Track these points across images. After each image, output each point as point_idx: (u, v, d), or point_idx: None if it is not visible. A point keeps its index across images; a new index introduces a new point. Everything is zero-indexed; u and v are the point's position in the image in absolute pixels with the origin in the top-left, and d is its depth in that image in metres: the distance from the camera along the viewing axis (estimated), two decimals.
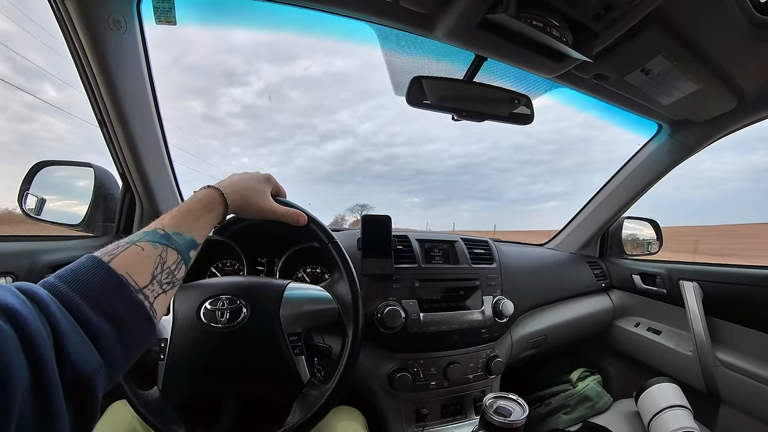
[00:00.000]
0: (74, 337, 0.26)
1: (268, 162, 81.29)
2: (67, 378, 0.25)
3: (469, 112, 0.68)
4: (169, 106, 13.13)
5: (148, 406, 0.48)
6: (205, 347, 0.50)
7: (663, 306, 1.10)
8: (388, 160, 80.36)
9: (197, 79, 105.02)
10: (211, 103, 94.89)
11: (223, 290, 0.52)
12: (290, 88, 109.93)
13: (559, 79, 0.75)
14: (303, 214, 0.55)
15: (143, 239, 0.37)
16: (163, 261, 0.37)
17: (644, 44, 0.63)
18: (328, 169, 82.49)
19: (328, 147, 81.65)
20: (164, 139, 0.82)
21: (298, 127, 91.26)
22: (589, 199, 1.23)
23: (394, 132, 74.17)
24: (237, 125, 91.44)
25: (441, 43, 0.66)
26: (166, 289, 0.37)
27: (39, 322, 0.24)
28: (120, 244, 0.36)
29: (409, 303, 0.78)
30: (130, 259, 0.34)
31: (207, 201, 0.46)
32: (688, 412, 0.84)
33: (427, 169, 72.89)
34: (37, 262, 0.68)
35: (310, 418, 0.51)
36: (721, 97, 0.77)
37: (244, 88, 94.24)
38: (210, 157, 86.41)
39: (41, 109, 26.06)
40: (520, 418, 0.62)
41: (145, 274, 0.35)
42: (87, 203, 0.81)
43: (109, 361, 0.29)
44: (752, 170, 28.79)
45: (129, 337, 0.31)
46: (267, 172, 0.56)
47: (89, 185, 0.81)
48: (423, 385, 0.79)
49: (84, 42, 0.61)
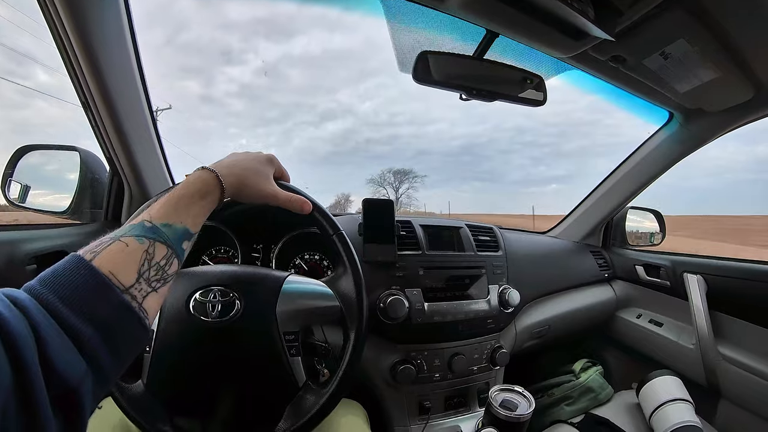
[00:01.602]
0: (57, 342, 0.25)
1: (267, 143, 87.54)
2: (52, 383, 0.24)
3: (480, 91, 0.64)
4: (165, 86, 12.90)
5: (132, 401, 0.45)
6: (193, 342, 0.46)
7: (666, 298, 1.09)
8: (389, 140, 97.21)
9: (193, 58, 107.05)
10: (208, 83, 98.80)
11: (216, 280, 0.48)
12: (289, 66, 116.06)
13: (574, 60, 0.71)
14: (308, 201, 0.51)
15: (128, 234, 0.34)
16: (151, 257, 0.34)
17: (667, 26, 0.60)
18: (327, 150, 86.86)
19: (328, 127, 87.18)
20: (153, 119, 0.77)
21: (297, 106, 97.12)
22: (594, 188, 1.21)
23: (396, 112, 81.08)
24: (235, 105, 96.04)
25: (450, 17, 0.61)
26: (156, 287, 0.34)
27: (23, 325, 0.24)
28: (104, 240, 0.33)
29: (413, 292, 0.75)
30: (114, 256, 0.32)
31: (200, 185, 0.42)
32: (690, 406, 0.83)
33: (429, 149, 77.87)
34: (18, 251, 0.64)
35: (303, 426, 0.47)
36: (738, 87, 0.74)
37: (242, 66, 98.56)
38: (207, 139, 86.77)
39: (33, 95, 25.24)
40: (526, 412, 0.61)
41: (130, 273, 0.32)
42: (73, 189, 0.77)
43: (96, 366, 0.27)
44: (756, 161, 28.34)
45: (117, 341, 0.29)
46: (270, 153, 0.51)
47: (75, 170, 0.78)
48: (426, 378, 0.77)
49: (61, 11, 0.56)
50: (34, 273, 0.66)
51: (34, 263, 0.65)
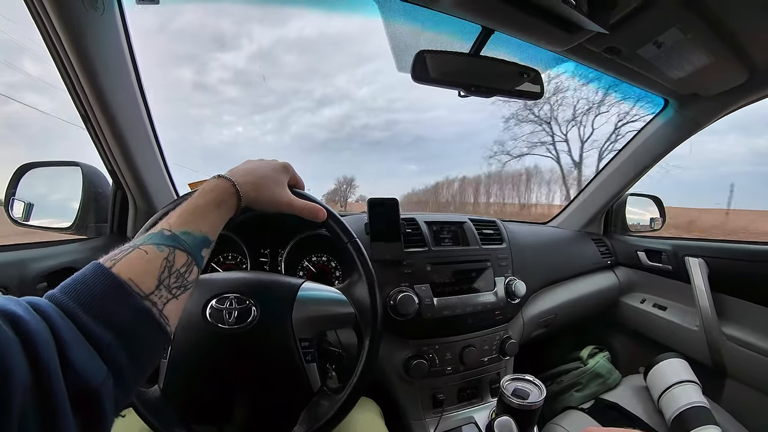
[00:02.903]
0: (78, 346, 0.26)
1: (263, 130, 75.34)
2: (72, 386, 0.24)
3: (478, 87, 0.65)
4: (157, 75, 12.40)
5: (148, 405, 0.45)
6: (209, 349, 0.47)
7: (668, 282, 1.10)
8: (387, 126, 58.67)
9: (186, 45, 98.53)
10: (201, 70, 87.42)
11: (231, 288, 0.48)
12: (284, 51, 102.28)
13: (569, 53, 0.72)
14: (322, 209, 0.51)
15: (148, 242, 0.35)
16: (171, 264, 0.34)
17: (660, 15, 0.60)
18: (324, 136, 73.41)
19: (325, 113, 73.06)
20: (153, 130, 0.77)
21: (294, 92, 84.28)
22: (592, 176, 1.22)
23: (394, 97, 66.16)
24: (230, 92, 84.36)
25: (445, 16, 0.62)
26: (176, 294, 0.34)
27: (42, 327, 0.24)
28: (123, 248, 0.34)
29: (421, 288, 0.76)
30: (134, 264, 0.32)
31: (217, 193, 0.42)
32: (697, 387, 0.84)
33: (427, 136, 64.66)
34: (28, 271, 0.64)
35: (318, 431, 0.48)
36: (732, 71, 0.75)
37: (236, 51, 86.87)
38: (202, 129, 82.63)
39: (23, 88, 24.04)
40: (538, 400, 0.62)
41: (150, 280, 0.32)
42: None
43: (117, 371, 0.28)
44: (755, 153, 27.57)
45: (137, 347, 0.30)
46: (285, 161, 0.52)
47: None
48: (439, 371, 0.78)
49: (58, 27, 0.56)
50: (45, 291, 0.67)
51: (45, 281, 0.66)
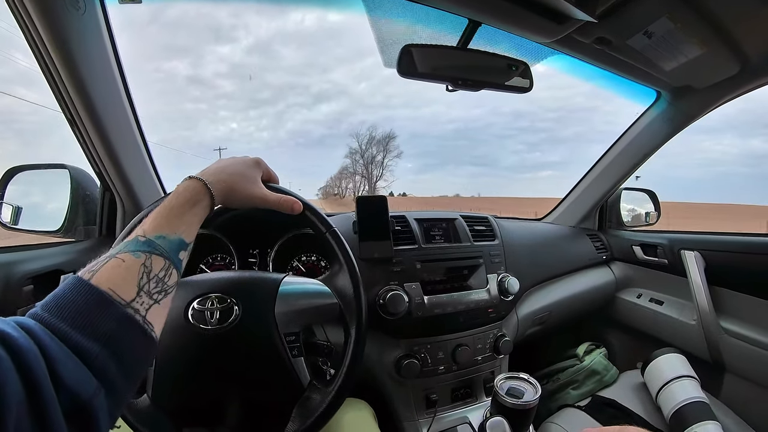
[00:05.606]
0: (66, 362, 0.26)
1: (259, 125, 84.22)
2: (65, 402, 0.24)
3: (465, 81, 0.64)
4: (150, 68, 12.52)
5: (139, 415, 0.45)
6: (194, 351, 0.46)
7: (665, 276, 1.09)
8: (384, 122, 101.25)
9: (180, 37, 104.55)
10: (196, 63, 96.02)
11: (212, 288, 0.48)
12: (282, 45, 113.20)
13: (558, 45, 0.71)
14: (298, 201, 0.51)
15: (123, 250, 0.35)
16: (149, 270, 0.34)
17: (649, 4, 0.60)
18: (321, 132, 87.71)
19: (322, 109, 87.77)
20: (140, 130, 0.77)
21: (290, 87, 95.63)
22: (586, 171, 1.21)
23: (391, 93, 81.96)
24: (225, 87, 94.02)
25: (431, 9, 0.61)
26: (158, 298, 0.34)
27: (31, 345, 0.24)
28: (100, 259, 0.34)
29: (411, 286, 0.75)
30: (112, 273, 0.32)
31: (189, 194, 0.42)
32: (695, 382, 0.83)
33: (424, 133, 77.97)
34: (14, 273, 0.63)
35: (311, 426, 0.48)
36: (724, 62, 0.75)
37: (232, 44, 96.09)
38: (197, 124, 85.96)
39: (13, 81, 23.93)
40: (533, 399, 0.61)
41: (130, 287, 0.32)
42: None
43: (107, 382, 0.28)
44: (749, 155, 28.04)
45: (124, 355, 0.30)
46: (257, 156, 0.52)
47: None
48: (431, 371, 0.77)
49: (40, 27, 0.55)
50: (30, 293, 0.66)
51: (31, 284, 0.65)
